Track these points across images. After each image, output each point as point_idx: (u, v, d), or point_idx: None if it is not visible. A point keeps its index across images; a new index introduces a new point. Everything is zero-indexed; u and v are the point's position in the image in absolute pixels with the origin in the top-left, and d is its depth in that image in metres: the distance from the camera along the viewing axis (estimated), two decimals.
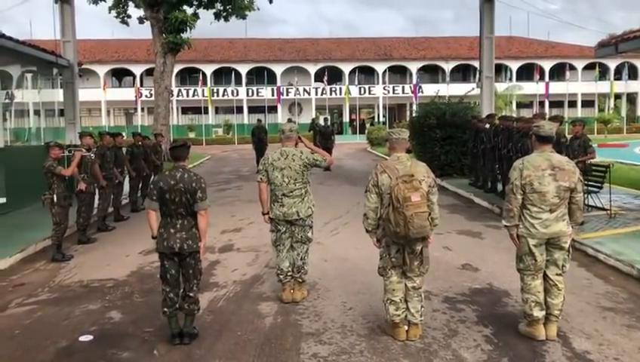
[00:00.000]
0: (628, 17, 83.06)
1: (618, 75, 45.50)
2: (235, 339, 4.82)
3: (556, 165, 4.57)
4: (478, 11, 16.28)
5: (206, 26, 36.02)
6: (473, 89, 17.59)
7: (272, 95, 43.88)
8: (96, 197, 9.62)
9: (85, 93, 29.53)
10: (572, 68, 45.98)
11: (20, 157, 12.66)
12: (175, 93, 39.73)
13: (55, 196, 7.72)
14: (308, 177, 5.68)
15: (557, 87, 43.77)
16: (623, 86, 44.60)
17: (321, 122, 21.51)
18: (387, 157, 4.86)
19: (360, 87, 45.40)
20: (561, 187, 4.53)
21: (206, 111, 43.91)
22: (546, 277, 4.70)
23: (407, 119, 33.69)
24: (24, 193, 11.10)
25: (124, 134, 12.49)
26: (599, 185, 9.70)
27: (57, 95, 17.95)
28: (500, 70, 43.43)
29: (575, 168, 4.67)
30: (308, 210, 5.65)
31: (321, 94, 44.34)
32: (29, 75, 19.62)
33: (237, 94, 44.10)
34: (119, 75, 46.67)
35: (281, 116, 43.35)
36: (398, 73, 47.38)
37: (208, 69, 44.66)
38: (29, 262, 7.76)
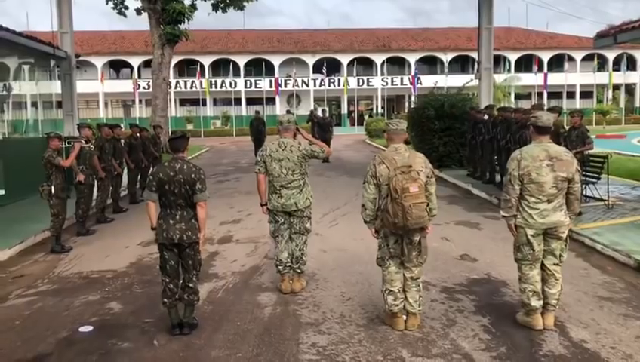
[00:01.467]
0: (625, 8, 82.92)
1: (617, 66, 45.47)
2: (234, 329, 4.85)
3: (554, 155, 4.58)
4: (477, 2, 16.23)
5: (204, 17, 35.90)
6: (472, 80, 17.57)
7: (271, 86, 43.74)
8: (95, 189, 9.63)
9: (83, 85, 29.33)
10: (571, 59, 45.89)
11: (18, 149, 12.63)
12: (173, 84, 39.59)
13: (53, 187, 7.72)
14: (306, 168, 5.69)
15: (555, 78, 43.70)
16: (622, 77, 44.57)
17: (320, 113, 21.41)
18: (385, 149, 4.87)
19: (358, 79, 45.26)
20: (559, 177, 4.54)
21: (204, 103, 43.79)
22: (543, 266, 4.73)
23: (406, 110, 33.70)
24: (23, 185, 11.10)
25: (122, 126, 12.47)
26: (597, 175, 9.72)
27: (55, 87, 17.86)
28: (499, 61, 43.28)
29: (573, 158, 4.69)
30: (306, 201, 5.67)
31: (320, 86, 44.22)
32: (26, 67, 19.52)
33: (235, 86, 43.98)
34: (117, 67, 46.47)
35: (279, 107, 43.24)
36: (397, 64, 47.22)
37: (206, 61, 44.49)
38: (29, 254, 7.78)
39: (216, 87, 44.24)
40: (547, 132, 4.70)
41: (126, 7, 24.42)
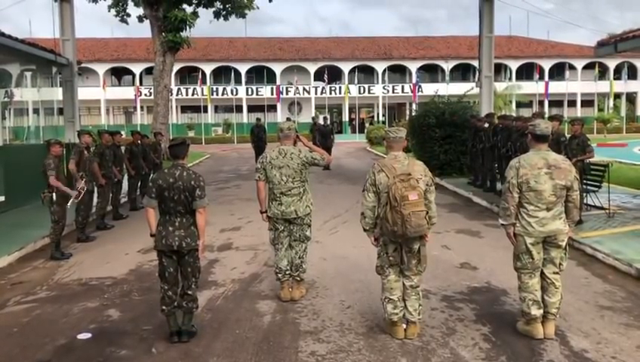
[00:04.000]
0: (622, 16, 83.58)
1: (617, 75, 45.53)
2: (233, 337, 4.83)
3: (552, 163, 4.58)
4: (478, 10, 16.27)
5: (206, 24, 36.05)
6: (473, 88, 17.57)
7: (272, 94, 43.86)
8: (95, 195, 9.62)
9: (85, 92, 29.52)
10: (572, 67, 45.98)
11: (19, 155, 12.65)
12: (174, 91, 39.73)
13: (54, 194, 7.71)
14: (306, 176, 5.68)
15: (556, 87, 43.76)
16: (623, 85, 44.63)
17: (321, 121, 21.46)
18: (385, 156, 4.86)
19: (359, 87, 45.40)
20: (558, 185, 4.54)
21: (205, 110, 43.88)
22: (543, 275, 4.71)
23: (407, 118, 33.74)
24: (23, 191, 11.10)
25: (123, 133, 12.50)
26: (598, 184, 9.71)
27: (57, 93, 17.94)
28: (500, 69, 43.44)
29: (571, 166, 4.69)
30: (306, 208, 5.65)
31: (321, 93, 44.33)
32: (28, 74, 19.62)
33: (236, 93, 44.05)
34: (119, 74, 46.64)
35: (280, 115, 43.32)
36: (398, 72, 47.37)
37: (208, 68, 44.65)
38: (28, 260, 7.76)
39: (217, 95, 44.36)
40: (545, 140, 4.71)
41: (128, 15, 24.62)
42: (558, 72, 46.45)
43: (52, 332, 5.07)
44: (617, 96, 46.47)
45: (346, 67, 45.82)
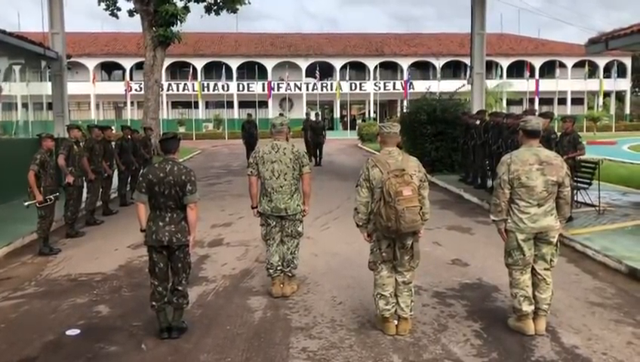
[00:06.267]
0: (608, 15, 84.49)
1: (607, 73, 45.85)
2: (224, 334, 4.80)
3: (544, 160, 4.58)
4: (470, 7, 16.26)
5: (197, 20, 35.87)
6: (464, 85, 17.59)
7: (263, 90, 43.73)
8: (85, 190, 9.54)
9: (74, 87, 29.24)
10: (562, 65, 46.23)
11: (7, 150, 12.50)
12: (165, 87, 39.48)
13: (42, 189, 7.62)
14: (298, 175, 5.63)
15: (547, 85, 43.99)
16: (612, 84, 44.96)
17: (313, 117, 21.38)
18: (377, 153, 4.84)
19: (351, 83, 45.36)
20: (549, 181, 4.54)
21: (196, 106, 43.69)
22: (534, 271, 4.72)
23: (398, 115, 33.77)
24: (12, 186, 10.95)
25: (113, 128, 12.40)
26: (588, 181, 9.76)
27: (46, 88, 17.72)
28: (491, 67, 43.53)
29: (563, 163, 4.70)
30: (297, 207, 5.63)
31: (312, 90, 44.25)
32: (16, 68, 19.38)
33: (227, 89, 43.90)
34: (109, 69, 46.32)
35: (271, 111, 43.19)
36: (389, 69, 47.40)
37: (199, 63, 44.42)
38: (16, 256, 7.68)
39: (208, 90, 44.17)
40: (536, 136, 4.70)
41: (118, 9, 24.41)
42: (548, 70, 46.69)
43: (40, 328, 5.01)
44: (607, 94, 46.82)
45: (337, 63, 45.77)
